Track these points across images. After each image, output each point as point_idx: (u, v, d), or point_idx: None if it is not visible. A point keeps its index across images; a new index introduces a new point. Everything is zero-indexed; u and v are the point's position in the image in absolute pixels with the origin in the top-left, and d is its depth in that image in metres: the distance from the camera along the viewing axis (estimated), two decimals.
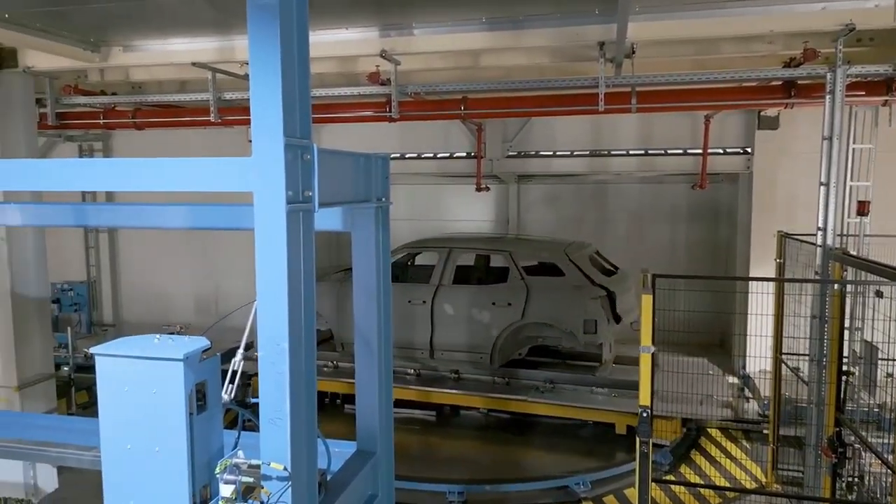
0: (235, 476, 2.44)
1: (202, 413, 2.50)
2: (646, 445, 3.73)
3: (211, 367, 2.54)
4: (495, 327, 8.42)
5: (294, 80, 2.50)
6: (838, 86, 5.73)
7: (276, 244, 2.46)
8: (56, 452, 3.50)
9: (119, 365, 2.40)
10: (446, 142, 11.02)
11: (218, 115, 7.60)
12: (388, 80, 6.95)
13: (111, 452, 2.44)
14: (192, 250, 12.12)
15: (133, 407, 2.40)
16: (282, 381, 2.50)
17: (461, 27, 6.19)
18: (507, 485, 6.87)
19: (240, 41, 6.70)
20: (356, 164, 3.17)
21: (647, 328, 3.87)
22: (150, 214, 3.70)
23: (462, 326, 8.57)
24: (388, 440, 3.62)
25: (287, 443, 2.51)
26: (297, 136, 2.53)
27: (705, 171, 9.59)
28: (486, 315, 8.46)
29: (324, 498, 2.93)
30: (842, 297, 5.48)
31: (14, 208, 3.86)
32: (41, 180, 2.67)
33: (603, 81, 6.46)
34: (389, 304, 3.55)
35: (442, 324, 8.61)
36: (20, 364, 7.56)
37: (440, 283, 8.73)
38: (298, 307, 2.54)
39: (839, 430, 5.41)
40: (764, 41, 6.26)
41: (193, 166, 2.55)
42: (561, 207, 12.39)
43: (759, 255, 9.30)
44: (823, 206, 5.83)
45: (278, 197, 2.44)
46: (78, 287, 12.39)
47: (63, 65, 7.17)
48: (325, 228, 3.47)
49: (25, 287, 7.56)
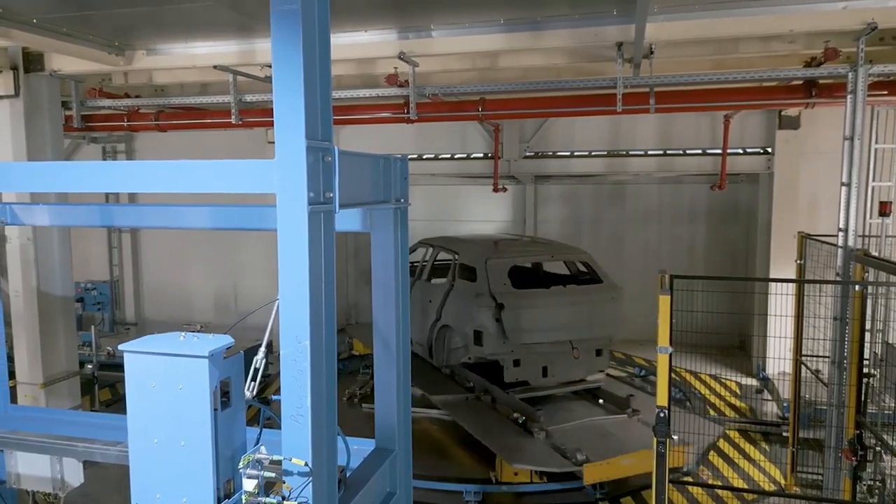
0: (258, 471, 2.49)
1: (226, 409, 2.56)
2: (662, 445, 3.73)
3: (235, 364, 2.59)
4: (428, 324, 8.59)
5: (316, 83, 2.54)
6: (860, 85, 5.68)
7: (298, 244, 2.51)
8: (83, 447, 3.58)
9: (146, 361, 2.47)
10: (463, 143, 11.07)
11: (239, 118, 7.71)
12: (406, 82, 6.99)
13: (138, 446, 2.51)
14: (212, 250, 12.29)
15: (159, 402, 2.46)
16: (303, 378, 2.54)
17: (479, 29, 6.22)
18: (523, 485, 6.88)
19: (260, 44, 6.79)
20: (375, 166, 3.21)
21: (664, 329, 3.87)
22: (173, 215, 3.77)
23: (415, 320, 8.62)
24: (407, 438, 3.66)
25: (308, 439, 2.55)
26: (318, 139, 2.57)
27: (725, 172, 9.53)
28: (426, 311, 8.61)
29: (343, 494, 2.98)
30: (863, 299, 5.43)
31: (42, 209, 3.96)
32: (67, 182, 2.74)
33: (621, 82, 6.45)
34: (408, 304, 3.59)
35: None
36: (45, 361, 7.73)
37: (417, 278, 8.91)
38: (319, 305, 2.59)
39: (860, 432, 5.36)
40: (784, 41, 6.21)
41: (217, 168, 2.60)
42: (578, 208, 12.37)
43: (779, 256, 9.23)
44: (845, 206, 5.78)
45: (300, 198, 2.49)
46: (101, 286, 12.61)
47: (88, 68, 7.31)
48: (344, 229, 3.52)
49: (51, 286, 7.72)
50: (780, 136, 9.44)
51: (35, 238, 7.53)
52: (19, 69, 7.27)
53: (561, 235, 12.21)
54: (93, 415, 4.43)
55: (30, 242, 7.52)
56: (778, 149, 9.48)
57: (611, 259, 11.61)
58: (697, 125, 10.11)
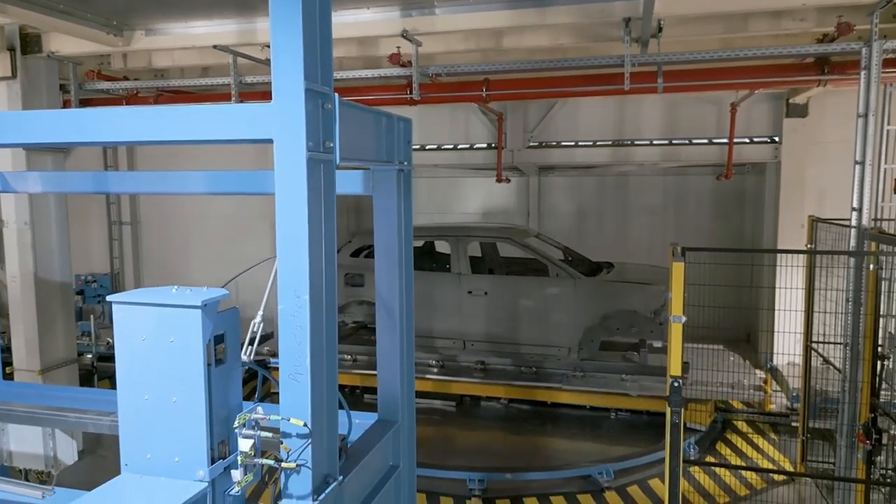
0: (254, 431, 2.37)
1: (221, 366, 2.43)
2: (677, 415, 3.60)
3: (230, 319, 2.47)
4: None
5: (315, 22, 2.43)
6: (874, 60, 5.55)
7: (296, 192, 2.38)
8: (75, 418, 3.47)
9: (136, 313, 2.34)
10: (466, 133, 10.94)
11: (239, 100, 7.59)
12: (409, 63, 6.87)
13: (128, 403, 2.38)
14: (214, 243, 12.17)
15: (150, 356, 2.34)
16: (302, 335, 2.42)
17: (484, 6, 6.09)
18: (528, 473, 6.76)
19: (261, 23, 6.68)
20: (378, 123, 3.09)
21: (678, 298, 3.75)
22: (171, 181, 3.67)
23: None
24: (411, 410, 3.54)
25: (308, 399, 2.43)
26: (317, 83, 2.45)
27: (731, 161, 9.39)
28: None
29: (344, 463, 2.85)
30: (877, 280, 5.30)
31: (36, 176, 3.85)
32: (60, 131, 2.61)
33: (629, 59, 6.33)
34: (411, 270, 3.47)
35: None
36: (43, 348, 7.62)
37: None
38: (319, 259, 2.47)
39: (874, 416, 5.22)
40: (795, 17, 6.08)
41: (212, 112, 2.48)
42: (583, 199, 12.25)
43: (786, 245, 9.09)
44: (858, 185, 5.64)
45: (299, 143, 2.37)
46: (101, 279, 12.49)
47: (86, 49, 7.20)
48: (346, 192, 3.40)
49: (49, 272, 7.61)
50: (788, 124, 9.31)
51: (32, 223, 7.43)
52: (16, 50, 7.17)
53: (564, 227, 12.10)
54: (86, 390, 4.31)
55: (27, 227, 7.42)
56: (785, 137, 9.35)
57: (615, 250, 11.50)
58: (703, 114, 9.96)
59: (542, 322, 8.39)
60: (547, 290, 8.43)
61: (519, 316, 8.48)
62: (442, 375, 8.37)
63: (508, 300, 8.51)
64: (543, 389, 8.03)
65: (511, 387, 8.15)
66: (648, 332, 8.10)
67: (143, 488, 2.32)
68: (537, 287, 8.49)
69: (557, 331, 8.36)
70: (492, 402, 8.50)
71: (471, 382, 8.26)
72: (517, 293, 8.54)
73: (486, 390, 8.34)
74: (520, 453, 7.29)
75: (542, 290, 8.46)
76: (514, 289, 8.57)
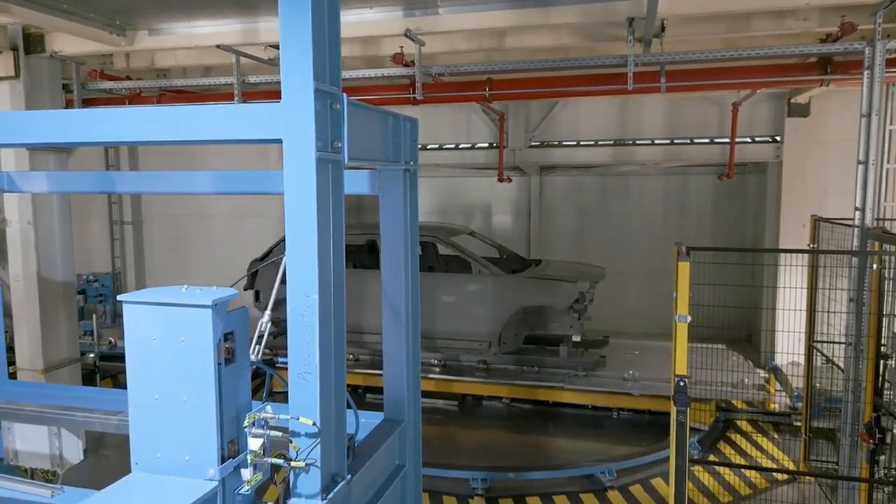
0: (264, 430, 2.38)
1: (230, 365, 2.44)
2: (683, 414, 3.61)
3: (239, 318, 2.47)
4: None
5: (324, 22, 2.44)
6: (877, 60, 5.55)
7: (305, 192, 2.39)
8: (83, 417, 3.47)
9: (146, 313, 2.35)
10: (468, 133, 10.95)
11: (242, 99, 7.59)
12: (412, 62, 6.88)
13: (138, 403, 2.39)
14: (215, 243, 12.16)
15: (160, 356, 2.35)
16: (311, 334, 2.43)
17: (487, 5, 6.10)
18: (530, 472, 6.77)
19: (264, 23, 6.69)
20: (385, 122, 3.09)
21: (683, 297, 3.76)
22: (176, 180, 3.67)
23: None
24: (417, 409, 3.55)
25: (316, 398, 2.44)
26: (326, 82, 2.46)
27: (733, 161, 9.39)
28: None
29: (351, 462, 2.86)
30: (880, 280, 5.30)
31: (40, 176, 3.85)
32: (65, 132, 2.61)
33: (632, 59, 6.33)
34: (417, 269, 3.48)
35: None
36: (46, 347, 7.63)
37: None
38: (328, 258, 2.47)
39: (877, 415, 5.23)
40: (798, 17, 6.09)
41: (220, 112, 2.49)
42: (584, 199, 12.24)
43: (788, 245, 9.09)
44: (861, 185, 5.64)
45: (308, 143, 2.38)
46: (103, 278, 12.47)
47: (89, 49, 7.20)
48: (352, 192, 3.41)
49: (51, 271, 7.62)
50: (790, 123, 9.31)
51: (35, 222, 7.42)
52: (20, 50, 7.17)
53: (566, 226, 12.10)
54: (91, 389, 4.32)
55: (30, 226, 7.42)
56: (787, 137, 9.35)
57: (616, 250, 11.51)
58: (705, 113, 9.97)
59: (462, 316, 8.58)
60: (468, 286, 8.59)
61: (442, 310, 8.61)
62: (445, 375, 8.38)
63: (430, 295, 8.58)
64: (545, 389, 8.05)
65: (513, 386, 8.17)
66: (568, 326, 8.19)
67: (154, 487, 2.33)
68: (459, 283, 8.66)
69: (476, 325, 8.54)
70: (494, 402, 8.52)
71: (473, 382, 8.28)
72: (441, 289, 8.67)
73: (488, 390, 8.36)
74: (522, 453, 7.31)
75: (463, 286, 8.62)
76: (437, 285, 8.68)
